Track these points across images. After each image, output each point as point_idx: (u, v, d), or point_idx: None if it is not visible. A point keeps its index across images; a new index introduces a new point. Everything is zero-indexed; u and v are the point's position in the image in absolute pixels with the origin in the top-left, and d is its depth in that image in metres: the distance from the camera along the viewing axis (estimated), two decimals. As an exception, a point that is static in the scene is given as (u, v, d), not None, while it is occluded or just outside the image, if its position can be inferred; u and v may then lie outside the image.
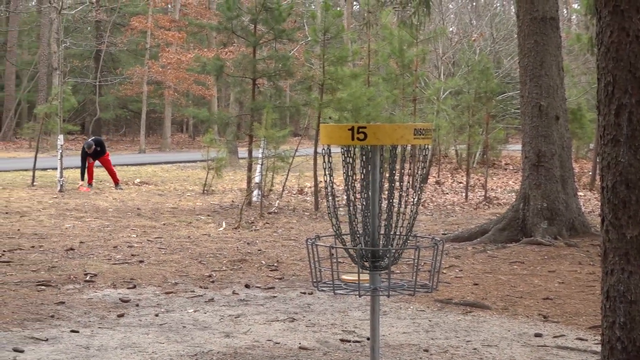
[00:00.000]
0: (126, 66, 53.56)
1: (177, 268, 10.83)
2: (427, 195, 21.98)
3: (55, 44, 40.07)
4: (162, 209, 17.97)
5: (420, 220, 16.43)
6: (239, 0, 19.52)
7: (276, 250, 12.57)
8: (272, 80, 19.76)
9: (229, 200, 20.00)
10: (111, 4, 54.12)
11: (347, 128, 4.75)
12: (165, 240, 13.38)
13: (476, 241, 13.21)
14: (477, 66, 23.15)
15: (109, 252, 12.00)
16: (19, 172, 26.92)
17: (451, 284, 9.90)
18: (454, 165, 32.91)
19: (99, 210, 17.30)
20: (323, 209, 18.34)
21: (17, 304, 8.44)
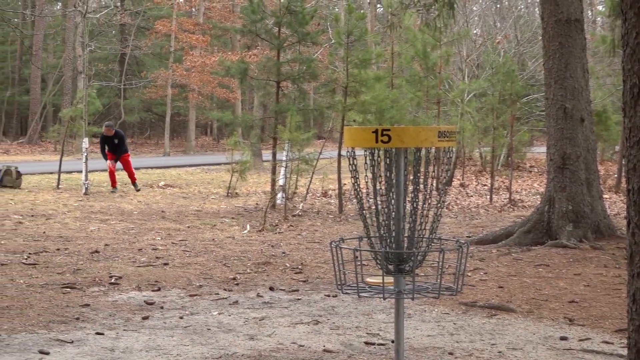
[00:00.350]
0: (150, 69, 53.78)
1: (201, 270, 10.85)
2: (451, 197, 21.93)
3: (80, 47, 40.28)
4: (187, 211, 18.02)
5: (445, 222, 16.39)
6: (263, 3, 19.56)
7: (300, 252, 12.58)
8: (296, 83, 19.78)
9: (253, 203, 20.02)
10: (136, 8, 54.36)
11: (372, 131, 4.75)
12: (190, 242, 13.41)
13: (501, 244, 13.16)
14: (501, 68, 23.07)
15: (134, 254, 12.04)
16: (45, 175, 27.06)
17: (476, 287, 9.87)
18: (478, 168, 32.81)
19: (123, 213, 17.36)
20: (347, 211, 18.33)
21: (43, 306, 8.49)
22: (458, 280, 4.98)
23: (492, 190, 21.93)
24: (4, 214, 16.60)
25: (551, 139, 13.54)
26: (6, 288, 9.37)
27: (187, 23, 49.39)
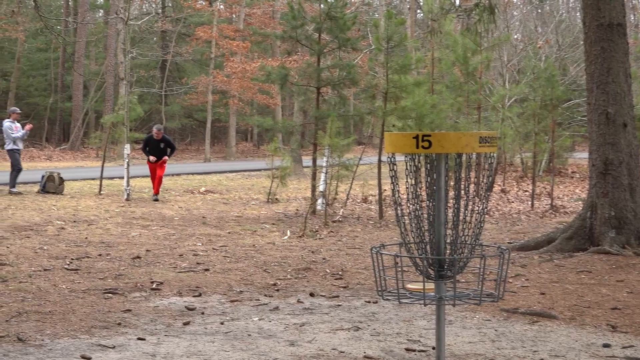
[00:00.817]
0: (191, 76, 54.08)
1: (242, 276, 10.87)
2: (492, 203, 21.82)
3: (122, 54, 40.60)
4: (227, 217, 18.07)
5: (486, 229, 16.31)
6: (303, 9, 19.59)
7: (341, 258, 12.57)
8: (336, 89, 19.78)
9: (293, 209, 20.05)
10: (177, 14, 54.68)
11: (412, 136, 4.73)
12: (230, 248, 13.45)
13: (542, 250, 13.07)
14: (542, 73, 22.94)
15: (175, 260, 12.09)
16: (87, 181, 27.28)
17: (517, 293, 9.80)
18: (520, 174, 32.63)
19: (164, 219, 17.45)
20: (387, 217, 18.30)
21: (85, 312, 8.54)
22: (499, 287, 4.96)
23: (534, 196, 21.80)
24: (47, 219, 16.75)
25: (593, 144, 13.43)
26: (49, 293, 9.45)
27: (228, 29, 49.62)
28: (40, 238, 14.12)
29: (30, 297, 9.20)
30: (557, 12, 42.85)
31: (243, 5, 49.66)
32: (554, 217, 19.01)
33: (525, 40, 36.15)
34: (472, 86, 23.34)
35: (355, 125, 50.02)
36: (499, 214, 19.62)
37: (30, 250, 12.64)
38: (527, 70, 30.57)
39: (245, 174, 34.33)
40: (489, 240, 14.54)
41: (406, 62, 19.05)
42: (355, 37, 20.85)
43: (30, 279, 10.35)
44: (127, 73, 25.47)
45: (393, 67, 18.75)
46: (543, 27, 39.03)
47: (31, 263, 11.52)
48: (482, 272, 4.92)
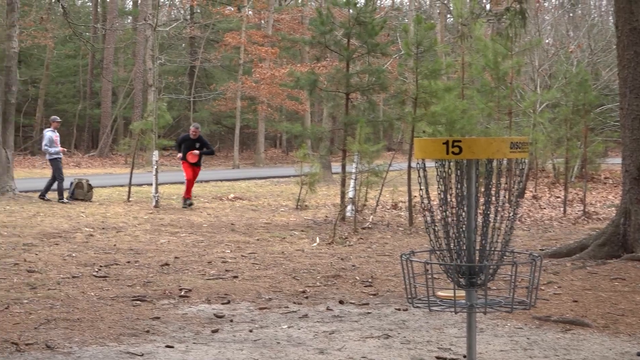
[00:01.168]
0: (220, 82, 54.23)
1: (271, 283, 10.88)
2: (523, 210, 21.72)
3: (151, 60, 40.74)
4: (256, 224, 18.10)
5: (517, 235, 16.24)
6: (332, 15, 19.61)
7: (370, 265, 12.55)
8: (366, 94, 19.77)
9: (322, 216, 20.05)
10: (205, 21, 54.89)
11: (442, 142, 4.72)
12: (259, 255, 13.46)
13: (575, 257, 12.99)
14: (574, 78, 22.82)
15: (203, 267, 12.12)
16: (115, 188, 27.42)
17: (549, 301, 9.75)
18: (552, 180, 32.47)
19: (193, 226, 17.50)
20: (417, 224, 18.25)
21: (113, 319, 8.58)
22: (531, 294, 4.93)
23: (566, 202, 21.68)
24: (76, 226, 16.84)
25: (626, 149, 13.33)
26: (77, 300, 9.50)
27: (256, 35, 49.73)
28: (69, 245, 14.20)
29: (58, 305, 9.24)
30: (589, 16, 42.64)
31: (272, 11, 49.75)
32: (587, 223, 18.90)
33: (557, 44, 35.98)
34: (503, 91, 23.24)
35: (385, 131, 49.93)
36: (531, 220, 19.53)
37: (58, 258, 12.72)
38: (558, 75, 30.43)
39: (274, 181, 34.37)
40: (521, 247, 14.47)
41: (436, 67, 19.01)
42: (384, 42, 20.83)
43: (59, 286, 10.40)
44: (155, 79, 25.60)
45: (423, 72, 18.72)
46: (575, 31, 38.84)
47: (60, 270, 11.58)
48: (514, 280, 4.89)
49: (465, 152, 4.69)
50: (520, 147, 4.82)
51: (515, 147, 4.78)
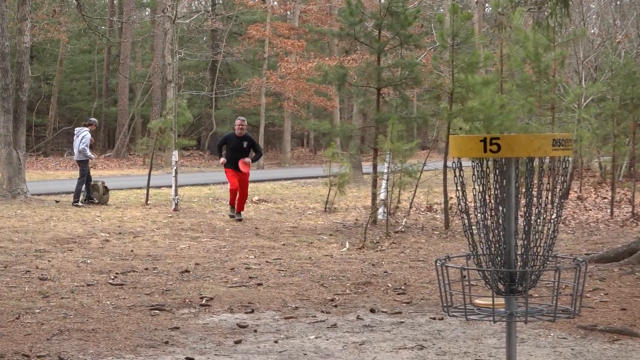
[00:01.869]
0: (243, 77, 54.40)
1: (297, 291, 10.87)
2: (567, 211, 21.60)
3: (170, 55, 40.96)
4: (282, 228, 18.10)
5: (561, 239, 16.15)
6: (362, 5, 19.59)
7: (403, 272, 12.52)
8: (398, 89, 19.74)
9: (352, 219, 20.03)
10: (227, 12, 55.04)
11: (479, 139, 4.69)
12: (285, 261, 13.46)
13: (623, 262, 12.90)
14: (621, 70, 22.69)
15: (226, 274, 12.13)
16: (133, 190, 27.53)
17: (595, 309, 9.68)
18: (598, 179, 32.30)
19: (215, 230, 17.53)
20: (454, 227, 18.20)
21: (130, 329, 8.59)
22: (576, 302, 4.89)
23: (613, 203, 21.55)
24: (91, 231, 16.92)
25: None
26: (92, 310, 9.52)
27: (282, 27, 49.81)
28: (84, 251, 14.26)
29: (72, 314, 9.27)
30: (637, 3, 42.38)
31: (298, 1, 49.84)
32: (636, 226, 18.78)
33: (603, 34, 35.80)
34: (544, 85, 23.14)
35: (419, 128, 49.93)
36: (575, 223, 19.43)
37: (72, 264, 12.77)
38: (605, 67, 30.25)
39: (301, 182, 34.40)
40: (564, 251, 14.39)
41: (473, 60, 18.95)
42: (418, 34, 20.80)
43: (73, 294, 10.44)
44: (175, 75, 25.69)
45: (459, 65, 18.66)
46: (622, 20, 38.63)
47: (74, 278, 11.63)
48: (557, 286, 4.86)
49: (504, 150, 4.66)
50: (564, 145, 4.78)
51: (558, 145, 4.74)
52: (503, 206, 4.89)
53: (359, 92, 20.03)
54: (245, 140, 19.24)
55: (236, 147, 19.26)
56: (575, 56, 30.36)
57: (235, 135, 19.36)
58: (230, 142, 19.43)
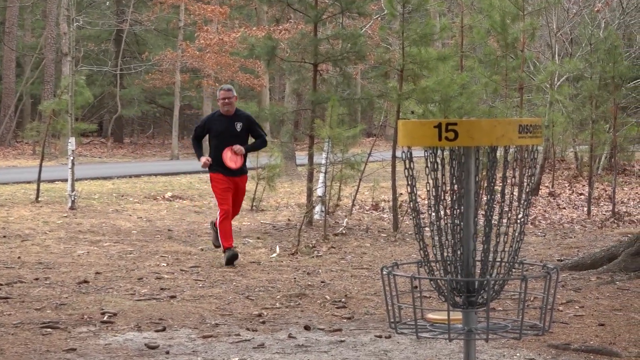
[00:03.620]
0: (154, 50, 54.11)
1: (218, 305, 10.87)
2: (537, 210, 21.81)
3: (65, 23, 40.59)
4: (200, 230, 18.08)
5: (529, 242, 16.31)
6: (295, -35, 19.59)
7: (344, 281, 12.56)
8: (339, 66, 19.77)
9: (284, 219, 20.05)
10: (135, -28, 54.72)
11: (433, 125, 4.73)
12: (204, 270, 13.44)
13: (602, 269, 13.05)
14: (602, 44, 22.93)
15: (133, 285, 12.08)
16: (20, 185, 27.28)
17: (569, 325, 9.79)
18: (573, 172, 32.65)
19: (120, 233, 17.45)
20: (404, 229, 18.29)
21: (17, 352, 8.53)
22: (545, 316, 4.95)
23: (591, 200, 21.78)
24: (-30, 234, 16.76)
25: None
26: (-29, 328, 9.44)
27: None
28: (-39, 258, 14.12)
29: (-53, 333, 9.18)
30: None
31: (219, -41, 49.74)
32: (617, 227, 19.01)
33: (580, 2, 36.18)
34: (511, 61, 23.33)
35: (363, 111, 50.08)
36: (546, 223, 19.63)
37: (-53, 274, 12.64)
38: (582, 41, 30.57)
39: (223, 175, 34.32)
40: (533, 257, 14.53)
41: (428, 31, 19.03)
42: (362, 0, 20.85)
43: (-52, 309, 10.34)
44: (72, 47, 25.47)
45: (411, 37, 18.73)
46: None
47: (-51, 290, 11.51)
48: (524, 298, 4.91)
49: (463, 138, 4.70)
50: (533, 131, 4.83)
51: (525, 131, 4.79)
52: (461, 204, 4.93)
53: (292, 68, 20.02)
54: (238, 121, 14.34)
55: (224, 133, 14.28)
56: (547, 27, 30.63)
57: (220, 115, 14.47)
58: (214, 127, 14.45)
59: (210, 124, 14.50)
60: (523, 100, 23.92)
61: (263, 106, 36.68)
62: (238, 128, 14.33)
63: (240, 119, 14.42)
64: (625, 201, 24.21)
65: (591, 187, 22.21)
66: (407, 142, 4.85)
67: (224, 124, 14.31)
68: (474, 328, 4.92)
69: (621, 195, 25.36)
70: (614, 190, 21.77)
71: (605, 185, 27.09)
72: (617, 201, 22.38)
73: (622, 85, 23.27)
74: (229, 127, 14.29)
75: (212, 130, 14.43)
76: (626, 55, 29.06)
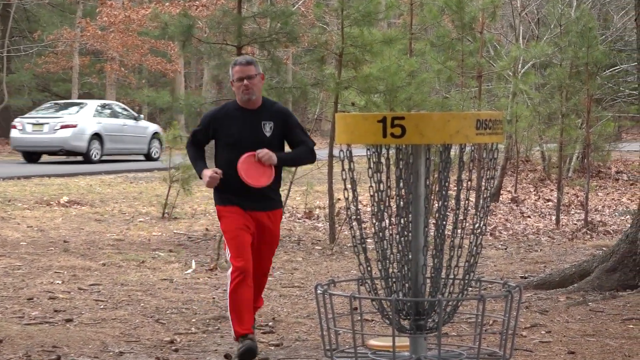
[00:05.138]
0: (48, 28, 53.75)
1: (122, 330, 10.83)
2: (498, 219, 21.94)
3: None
4: (101, 241, 17.99)
5: (488, 256, 16.39)
6: None
7: (272, 302, 12.57)
8: (267, 49, 19.77)
9: (201, 228, 20.01)
10: None
11: (377, 119, 4.75)
12: (106, 288, 13.39)
13: (572, 288, 13.15)
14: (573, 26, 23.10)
15: (21, 306, 12.01)
16: None
17: (535, 353, 9.86)
18: (540, 175, 32.85)
19: (5, 245, 17.33)
20: (342, 240, 18.32)
21: None
22: (506, 343, 4.98)
23: (560, 207, 21.92)
24: None
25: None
26: None
27: (103, -42, 49.43)
28: None
29: None
30: None
31: None
32: (590, 238, 19.16)
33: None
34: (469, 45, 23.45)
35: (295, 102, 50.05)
36: (508, 234, 19.74)
37: None
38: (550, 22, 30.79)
39: (130, 176, 34.17)
40: (493, 273, 14.61)
41: (371, 9, 19.08)
42: (294, -29, 20.87)
43: None
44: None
45: (351, 16, 18.78)
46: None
47: None
48: (481, 321, 4.94)
49: (411, 135, 4.71)
50: (492, 127, 4.87)
51: (484, 127, 4.83)
52: (409, 211, 4.95)
53: (211, 51, 19.99)
54: (267, 120, 10.15)
55: (244, 139, 10.11)
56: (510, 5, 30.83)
57: (236, 109, 10.28)
58: (225, 129, 10.27)
59: (219, 125, 10.25)
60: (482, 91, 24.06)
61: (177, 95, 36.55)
62: (267, 131, 10.10)
63: (271, 115, 10.18)
64: (599, 209, 24.41)
65: (560, 192, 22.36)
66: (346, 139, 4.87)
67: (244, 124, 10.13)
68: (424, 356, 4.95)
69: (595, 201, 25.56)
70: (586, 196, 21.94)
71: (576, 190, 27.28)
72: (590, 209, 22.56)
73: (597, 73, 23.45)
74: (252, 128, 10.09)
75: (223, 135, 10.23)
76: (602, 38, 29.32)
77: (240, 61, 10.24)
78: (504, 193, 26.98)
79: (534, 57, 26.06)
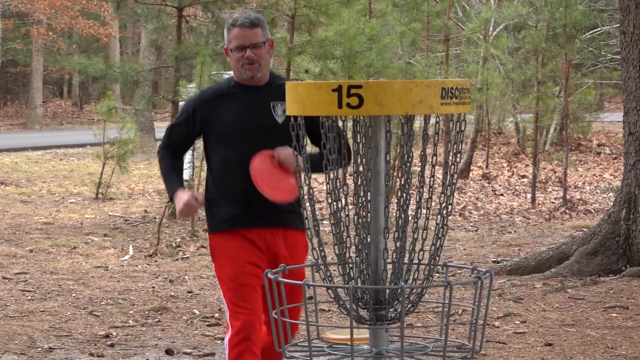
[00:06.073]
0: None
1: (52, 323, 10.81)
2: (467, 197, 21.99)
3: None
4: (28, 225, 17.95)
5: (456, 239, 16.44)
6: None
7: (217, 291, 12.56)
8: (210, 10, 19.74)
9: (139, 210, 19.99)
10: None
11: (332, 88, 4.73)
12: (33, 277, 13.36)
13: (549, 273, 13.18)
14: (550, -16, 23.16)
15: (-61, 297, 12.01)
16: None
17: (508, 345, 9.90)
18: (513, 149, 32.94)
19: None
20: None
21: None
22: (476, 334, 5.00)
23: (536, 185, 21.99)
24: None
25: (631, 98, 13.57)
26: None
27: None
28: None
29: None
30: None
31: None
32: (569, 219, 19.23)
33: None
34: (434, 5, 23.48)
35: (243, 69, 49.97)
36: (479, 214, 19.79)
37: None
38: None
39: (60, 153, 34.11)
40: (462, 258, 14.64)
41: (326, -35, 19.09)
42: None
43: None
44: None
45: (304, -28, 18.79)
46: None
47: None
48: (449, 311, 4.95)
49: (370, 105, 4.70)
50: (460, 96, 4.86)
51: (450, 96, 4.82)
52: (368, 190, 4.95)
53: (149, 13, 19.94)
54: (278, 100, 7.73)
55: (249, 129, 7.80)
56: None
57: (236, 85, 7.98)
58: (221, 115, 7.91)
59: (211, 111, 7.90)
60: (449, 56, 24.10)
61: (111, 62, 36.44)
62: (279, 115, 7.74)
63: (282, 94, 6.02)
64: (579, 186, 24.50)
65: (536, 167, 22.43)
66: (297, 110, 4.86)
67: (247, 107, 7.86)
68: (385, 350, 4.95)
69: (574, 177, 25.65)
70: (565, 171, 21.97)
71: (554, 165, 27.38)
72: (569, 186, 22.63)
73: (576, 36, 23.50)
74: (258, 113, 7.82)
75: (217, 125, 7.88)
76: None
77: (242, 22, 7.86)
78: (475, 169, 27.05)
79: (506, 19, 26.12)
